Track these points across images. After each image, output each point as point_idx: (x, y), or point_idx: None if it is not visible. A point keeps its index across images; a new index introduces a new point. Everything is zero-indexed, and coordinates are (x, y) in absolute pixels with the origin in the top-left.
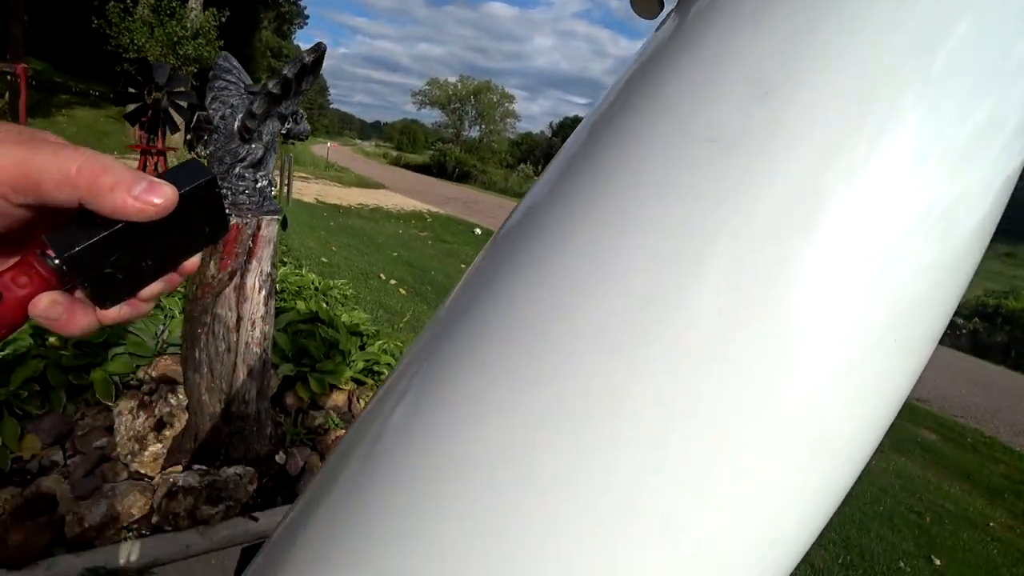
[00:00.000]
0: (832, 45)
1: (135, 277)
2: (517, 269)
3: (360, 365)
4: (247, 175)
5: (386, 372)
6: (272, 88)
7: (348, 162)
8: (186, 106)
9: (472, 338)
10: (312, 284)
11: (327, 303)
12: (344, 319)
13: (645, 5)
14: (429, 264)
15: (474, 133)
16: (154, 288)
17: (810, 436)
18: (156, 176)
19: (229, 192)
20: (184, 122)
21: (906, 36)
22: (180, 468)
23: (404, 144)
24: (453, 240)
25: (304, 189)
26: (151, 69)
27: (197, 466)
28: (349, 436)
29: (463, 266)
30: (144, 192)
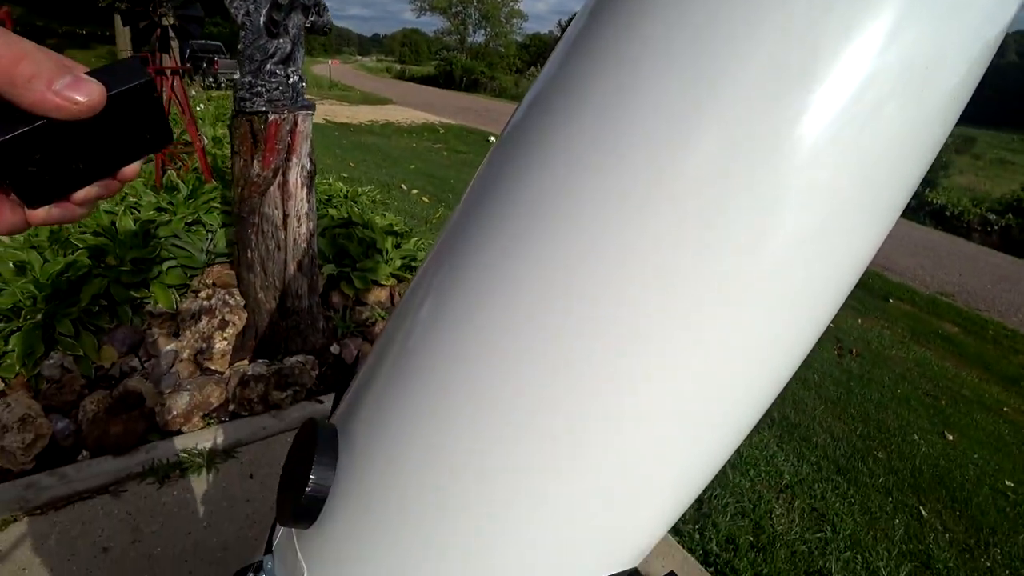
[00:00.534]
0: None
1: (65, 179)
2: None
3: (398, 262)
4: (278, 71)
5: None
6: None
7: (351, 80)
8: (197, 23)
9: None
10: (341, 192)
11: (359, 208)
12: (377, 221)
13: None
14: (447, 174)
15: (479, 38)
16: (89, 192)
17: (781, 291)
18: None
19: (264, 90)
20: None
21: None
22: (246, 362)
23: (407, 56)
24: (468, 150)
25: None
26: None
27: (261, 360)
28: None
29: None
30: (67, 87)
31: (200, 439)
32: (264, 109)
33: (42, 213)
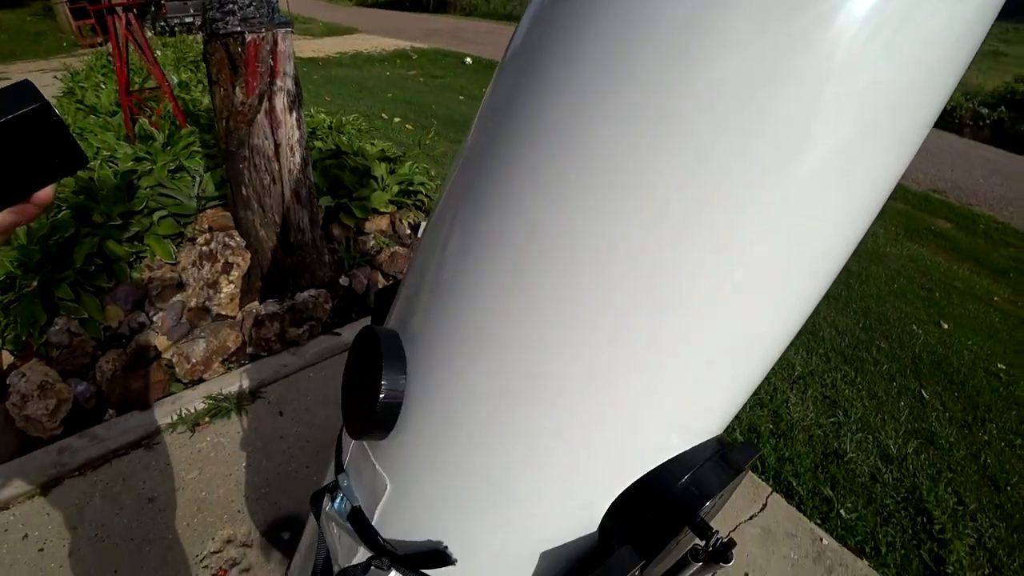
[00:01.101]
0: None
1: None
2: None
3: (395, 188)
4: None
5: (422, 191)
6: None
7: (310, 10)
8: None
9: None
10: (324, 123)
11: (346, 138)
12: (367, 149)
13: None
14: (427, 100)
15: None
16: (3, 219)
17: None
18: None
19: (236, 8)
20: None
21: None
22: (257, 303)
23: None
24: (444, 74)
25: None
26: None
27: (271, 299)
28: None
29: (461, 98)
30: None
31: (223, 384)
32: (239, 29)
33: None
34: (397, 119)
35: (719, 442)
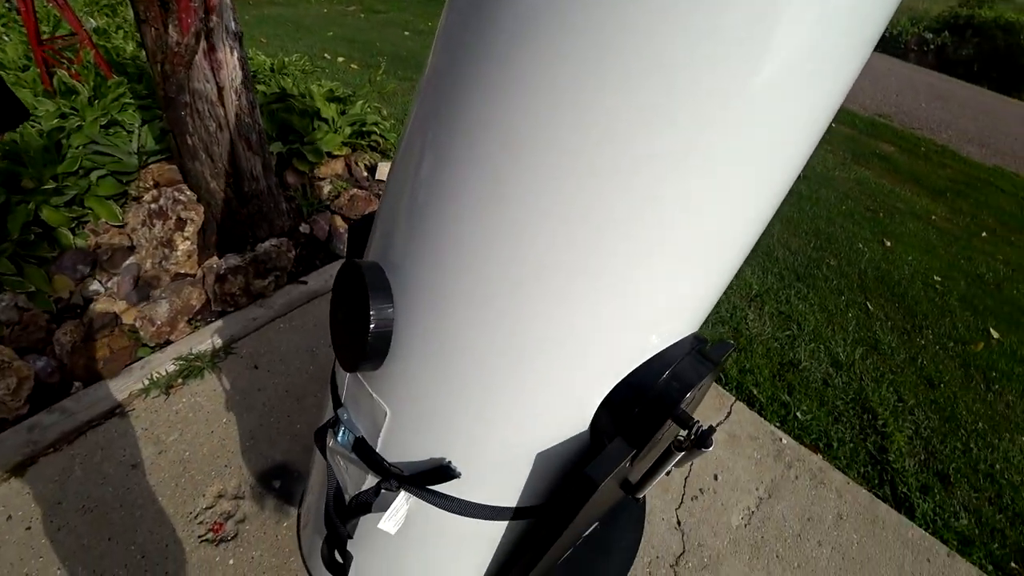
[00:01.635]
0: None
1: None
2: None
3: (348, 130)
4: None
5: (376, 131)
6: None
7: None
8: None
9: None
10: (265, 65)
11: (291, 79)
12: (314, 90)
13: None
14: (370, 37)
15: None
16: None
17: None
18: None
19: None
20: None
21: None
22: (216, 258)
23: None
24: (387, 8)
25: None
26: None
27: (231, 253)
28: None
29: (407, 33)
30: None
31: (193, 343)
32: None
33: None
34: (341, 59)
35: (696, 338)
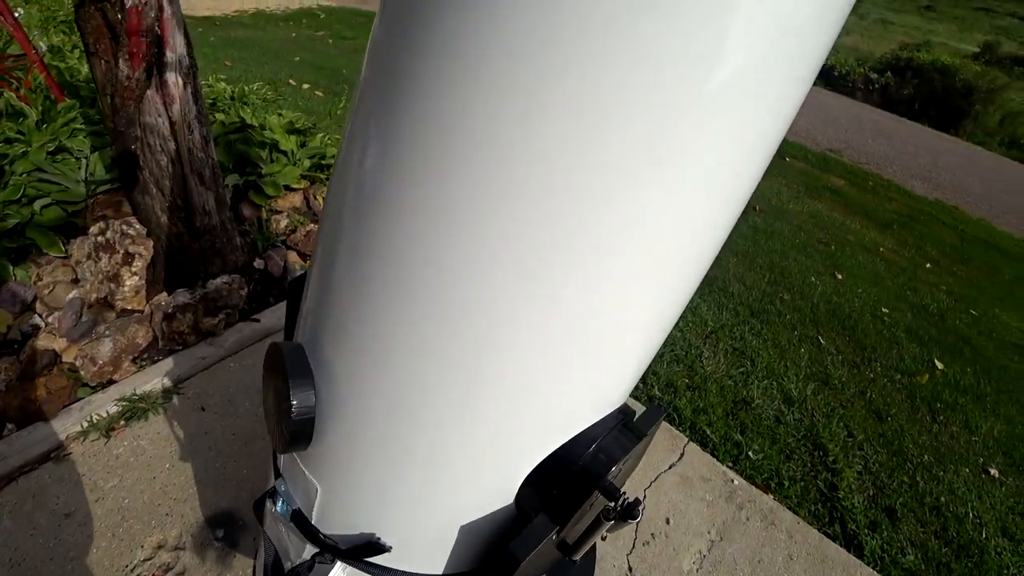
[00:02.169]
0: None
1: None
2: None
3: (307, 163)
4: None
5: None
6: None
7: None
8: None
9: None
10: (226, 93)
11: (250, 109)
12: (274, 121)
13: None
14: (337, 64)
15: None
16: None
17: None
18: None
19: None
20: None
21: None
22: (165, 294)
23: None
24: (355, 35)
25: None
26: None
27: (182, 289)
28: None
29: None
30: None
31: (137, 383)
32: None
33: None
34: (306, 85)
35: (622, 412)
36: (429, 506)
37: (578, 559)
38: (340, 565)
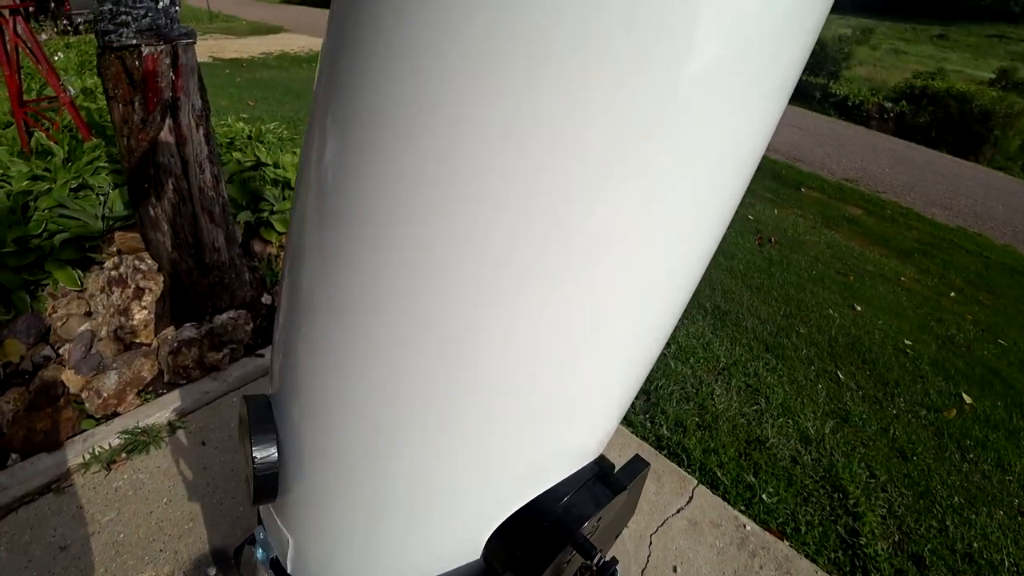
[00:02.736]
0: None
1: None
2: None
3: None
4: None
5: None
6: None
7: (234, 8)
8: None
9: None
10: (244, 133)
11: (266, 148)
12: (288, 160)
13: None
14: None
15: None
16: None
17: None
18: None
19: (131, 19)
20: None
21: None
22: (173, 328)
23: None
24: None
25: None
26: None
27: (189, 323)
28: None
29: None
30: None
31: (140, 416)
32: (135, 42)
33: None
34: None
35: (598, 464)
36: (396, 559)
37: None
38: None
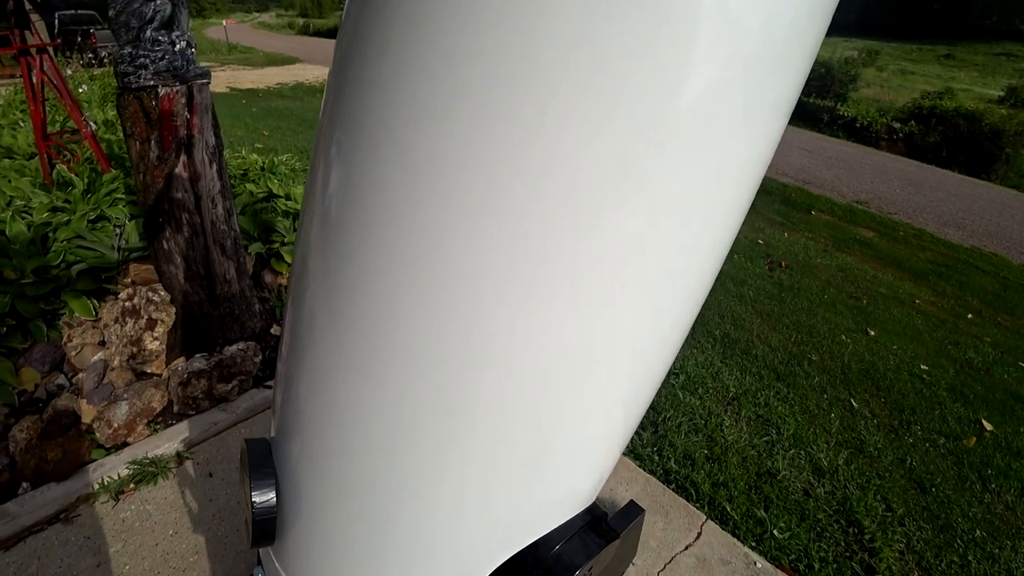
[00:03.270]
0: None
1: None
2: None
3: None
4: (161, 38)
5: None
6: None
7: (252, 40)
8: None
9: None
10: (257, 164)
11: (278, 180)
12: (299, 191)
13: None
14: None
15: None
16: None
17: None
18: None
19: (149, 61)
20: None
21: None
22: (183, 359)
23: (309, 8)
24: None
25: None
26: None
27: (199, 354)
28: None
29: None
30: None
31: (149, 447)
32: (152, 83)
33: None
34: None
35: (590, 512)
36: None
37: None
38: None
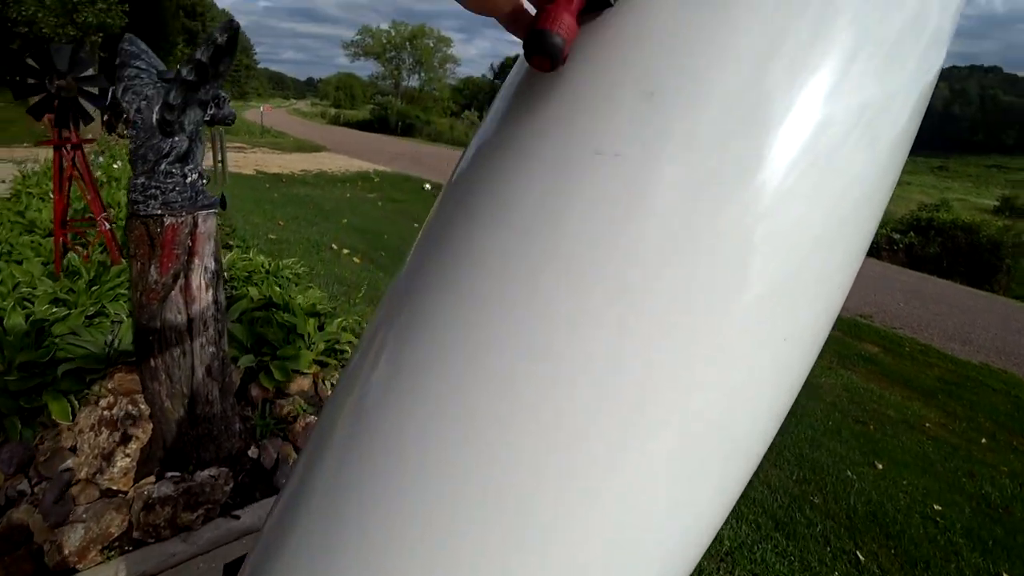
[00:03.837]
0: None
1: None
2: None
3: (321, 347)
4: (175, 171)
5: (348, 350)
6: (186, 75)
7: (285, 125)
8: (97, 91)
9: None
10: (262, 267)
11: (280, 285)
12: (299, 300)
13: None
14: (381, 227)
15: (414, 82)
16: None
17: (759, 340)
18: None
19: (158, 191)
20: (98, 109)
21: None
22: (152, 479)
23: (342, 100)
24: (404, 198)
25: (241, 161)
26: (50, 54)
27: (170, 474)
28: (322, 423)
29: (416, 225)
30: None
31: None
32: (159, 212)
33: None
34: (346, 251)
35: None
36: None
37: None
38: None
